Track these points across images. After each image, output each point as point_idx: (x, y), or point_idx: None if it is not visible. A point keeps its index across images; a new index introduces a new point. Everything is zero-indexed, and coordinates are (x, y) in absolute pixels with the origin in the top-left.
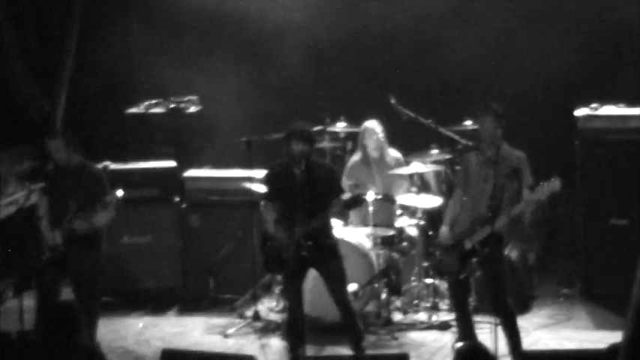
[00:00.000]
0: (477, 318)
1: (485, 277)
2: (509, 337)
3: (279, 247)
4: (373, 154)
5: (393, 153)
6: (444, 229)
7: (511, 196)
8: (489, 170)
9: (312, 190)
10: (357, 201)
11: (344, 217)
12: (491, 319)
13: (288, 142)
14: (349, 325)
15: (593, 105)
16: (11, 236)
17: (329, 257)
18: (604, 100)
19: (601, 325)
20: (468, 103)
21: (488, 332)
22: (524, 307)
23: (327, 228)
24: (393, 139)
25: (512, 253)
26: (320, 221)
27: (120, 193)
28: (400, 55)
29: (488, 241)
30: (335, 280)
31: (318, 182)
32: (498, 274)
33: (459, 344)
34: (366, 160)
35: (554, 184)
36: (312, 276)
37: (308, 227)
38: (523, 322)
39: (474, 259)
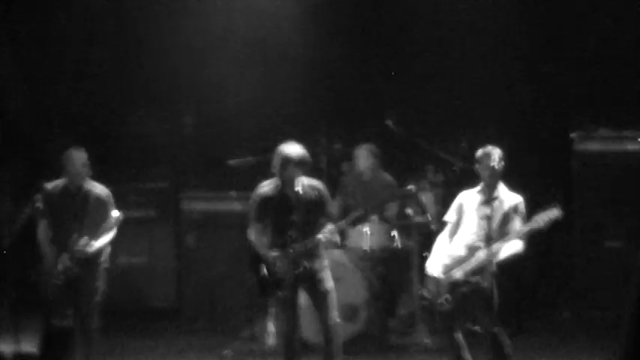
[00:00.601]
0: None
1: (475, 306)
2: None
3: (277, 271)
4: (365, 176)
5: (386, 176)
6: (432, 260)
7: (504, 230)
8: (487, 209)
9: (304, 211)
10: (362, 217)
11: (341, 237)
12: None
13: (284, 167)
14: (329, 349)
15: (589, 127)
16: (7, 256)
17: (318, 278)
18: (599, 123)
19: (596, 346)
20: (464, 125)
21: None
22: (522, 329)
23: (318, 249)
24: (389, 160)
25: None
26: (315, 242)
27: (116, 214)
28: (397, 77)
29: (480, 270)
30: (322, 301)
31: (310, 202)
32: (486, 301)
33: None
34: (359, 179)
35: (554, 212)
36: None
37: (304, 248)
38: (521, 343)
39: (463, 289)
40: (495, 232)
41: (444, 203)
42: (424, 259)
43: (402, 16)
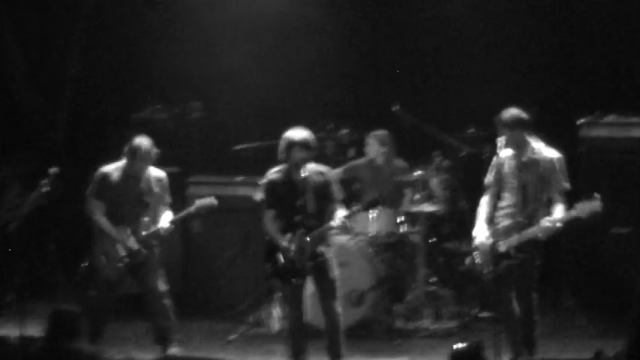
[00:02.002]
0: (479, 325)
1: (515, 279)
2: (525, 335)
3: (292, 258)
4: (378, 161)
5: (399, 162)
6: (478, 228)
7: (545, 201)
8: (523, 175)
9: (311, 196)
10: (377, 202)
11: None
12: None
13: (289, 150)
14: (332, 338)
15: (596, 113)
16: (14, 241)
17: (325, 266)
18: (606, 109)
19: (601, 333)
20: (472, 111)
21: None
22: None
23: (323, 237)
24: (397, 146)
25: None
26: (329, 228)
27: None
28: (404, 62)
29: (524, 247)
30: (327, 290)
31: (317, 187)
32: (528, 279)
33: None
34: (371, 165)
35: (595, 204)
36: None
37: (320, 234)
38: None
39: (507, 262)
40: (532, 197)
41: (452, 189)
42: (431, 244)
43: (413, 4)
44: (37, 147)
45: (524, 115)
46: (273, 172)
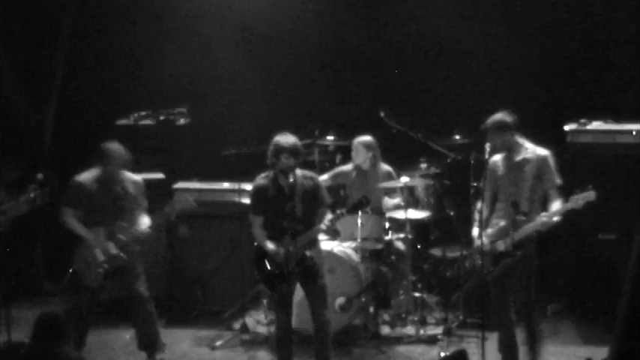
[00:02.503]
0: (464, 332)
1: (518, 278)
2: (527, 337)
3: (280, 264)
4: (364, 166)
5: (385, 167)
6: (477, 231)
7: (540, 198)
8: (517, 173)
9: (299, 201)
10: (363, 203)
11: (334, 230)
12: (479, 333)
13: (277, 156)
14: (320, 344)
15: (582, 120)
16: (0, 247)
17: (314, 272)
18: (593, 115)
19: (588, 340)
20: (457, 118)
21: (475, 347)
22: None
23: (316, 241)
24: (383, 152)
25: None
26: (316, 232)
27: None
28: (390, 69)
29: (522, 243)
30: (317, 295)
31: (305, 193)
32: (528, 275)
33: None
34: (357, 171)
35: (590, 194)
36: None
37: (308, 239)
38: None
39: (507, 261)
40: (527, 196)
41: (437, 195)
42: (417, 251)
43: (398, 10)
44: (23, 154)
45: (510, 117)
46: (261, 178)
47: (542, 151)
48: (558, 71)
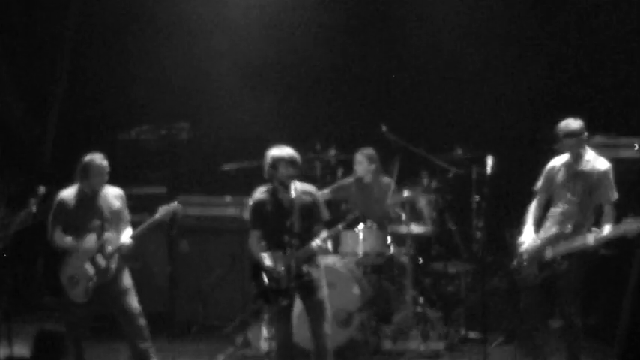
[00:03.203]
0: (465, 346)
1: (557, 288)
2: (567, 349)
3: (277, 278)
4: (366, 179)
5: (386, 180)
6: (526, 233)
7: (595, 211)
8: (576, 183)
9: (298, 215)
10: (359, 220)
11: (335, 243)
12: (480, 347)
13: (275, 168)
14: (320, 359)
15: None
16: (1, 261)
17: (311, 286)
18: (595, 130)
19: (592, 355)
20: (459, 132)
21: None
22: (513, 337)
23: (314, 256)
24: (384, 167)
25: (501, 282)
26: (310, 250)
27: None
28: (392, 83)
29: (570, 257)
30: (315, 310)
31: (303, 207)
32: (571, 289)
33: None
34: (359, 184)
35: None
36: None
37: (303, 255)
38: (512, 351)
39: (551, 270)
40: (582, 208)
41: (439, 210)
42: (419, 265)
43: (400, 25)
44: (23, 167)
45: (582, 125)
46: (260, 192)
47: (604, 165)
48: (558, 86)
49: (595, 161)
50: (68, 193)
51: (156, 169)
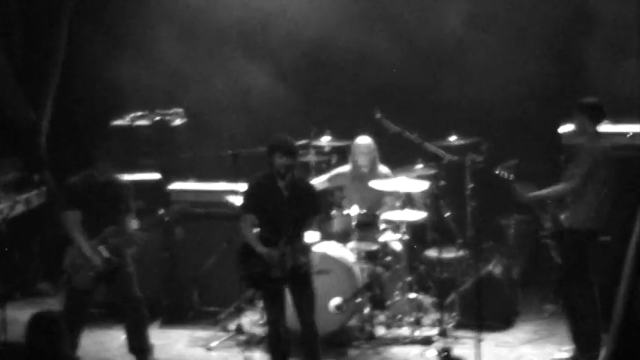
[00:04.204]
0: (460, 333)
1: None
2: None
3: (266, 265)
4: (363, 169)
5: (383, 169)
6: None
7: None
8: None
9: (295, 204)
10: (371, 223)
11: (325, 231)
12: (475, 334)
13: (272, 156)
14: (309, 348)
15: None
16: None
17: (303, 277)
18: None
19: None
20: (454, 119)
21: (471, 348)
22: (508, 323)
23: (306, 247)
24: (379, 153)
25: (496, 268)
26: (306, 244)
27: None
28: (386, 70)
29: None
30: (305, 300)
31: (301, 197)
32: (562, 267)
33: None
34: (355, 173)
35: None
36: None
37: (296, 246)
38: (507, 337)
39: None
40: None
41: (434, 196)
42: (413, 251)
43: (395, 12)
44: (19, 154)
45: None
46: (259, 177)
47: None
48: (553, 73)
49: None
50: (78, 179)
51: (150, 155)
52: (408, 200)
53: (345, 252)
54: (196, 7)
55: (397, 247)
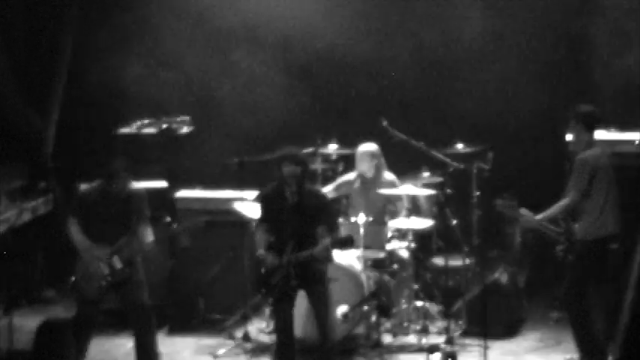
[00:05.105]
0: (466, 341)
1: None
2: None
3: (268, 272)
4: (368, 174)
5: (389, 176)
6: None
7: None
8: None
9: (301, 215)
10: (348, 242)
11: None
12: (481, 342)
13: (279, 165)
14: (325, 351)
15: None
16: (2, 255)
17: (317, 282)
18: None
19: None
20: (459, 127)
21: (477, 355)
22: (514, 331)
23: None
24: (385, 161)
25: (501, 276)
26: (309, 254)
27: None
28: (393, 78)
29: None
30: (320, 304)
31: (309, 208)
32: (569, 277)
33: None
34: (361, 179)
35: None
36: (303, 299)
37: (298, 258)
38: (513, 345)
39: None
40: None
41: (440, 204)
42: (420, 260)
43: (399, 20)
44: (25, 162)
45: None
46: (268, 188)
47: None
48: (557, 80)
49: None
50: (91, 188)
51: (156, 163)
52: (415, 208)
53: (352, 260)
54: (205, 15)
55: (404, 254)
